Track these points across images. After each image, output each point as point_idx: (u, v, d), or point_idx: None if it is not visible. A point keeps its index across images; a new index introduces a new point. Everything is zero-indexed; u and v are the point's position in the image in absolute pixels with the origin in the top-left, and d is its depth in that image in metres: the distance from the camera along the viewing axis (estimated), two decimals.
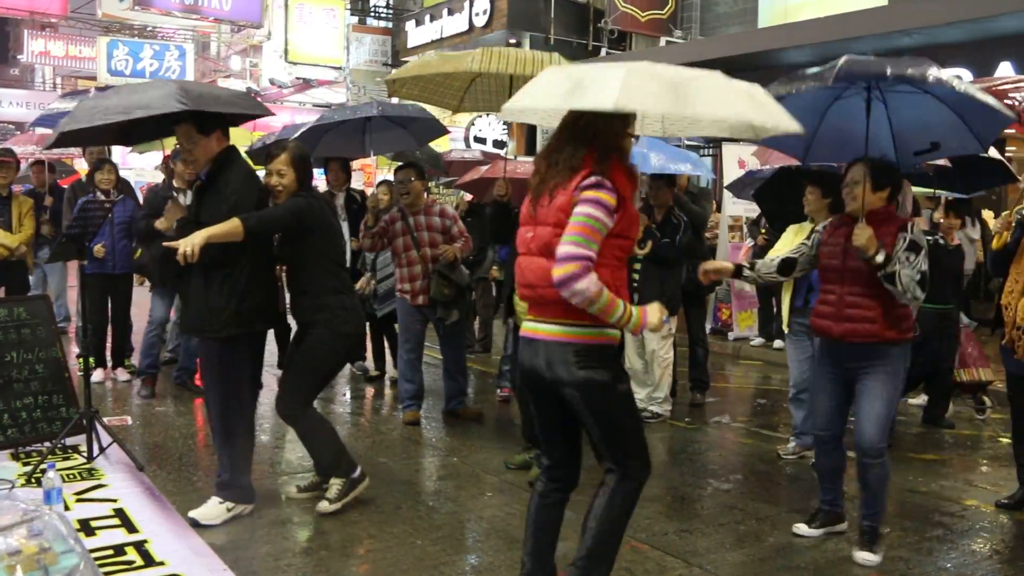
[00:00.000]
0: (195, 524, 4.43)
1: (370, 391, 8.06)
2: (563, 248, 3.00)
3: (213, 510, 4.54)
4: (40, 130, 10.30)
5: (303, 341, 4.74)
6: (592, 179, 3.07)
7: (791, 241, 5.71)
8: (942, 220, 7.16)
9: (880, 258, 4.05)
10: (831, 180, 5.18)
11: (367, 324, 8.36)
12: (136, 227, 7.07)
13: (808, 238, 4.56)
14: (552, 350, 3.19)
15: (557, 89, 3.16)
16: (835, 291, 4.32)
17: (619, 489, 3.24)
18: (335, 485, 4.76)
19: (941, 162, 6.29)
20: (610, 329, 3.18)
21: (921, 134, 4.78)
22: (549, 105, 3.30)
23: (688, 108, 2.99)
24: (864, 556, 4.28)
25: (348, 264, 8.15)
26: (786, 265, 4.53)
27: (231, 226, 4.23)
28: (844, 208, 4.38)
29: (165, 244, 4.26)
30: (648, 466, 3.32)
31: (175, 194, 7.07)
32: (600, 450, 3.27)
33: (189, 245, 4.08)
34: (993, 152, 6.64)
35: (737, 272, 4.56)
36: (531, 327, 3.30)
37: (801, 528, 4.61)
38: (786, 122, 3.25)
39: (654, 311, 3.20)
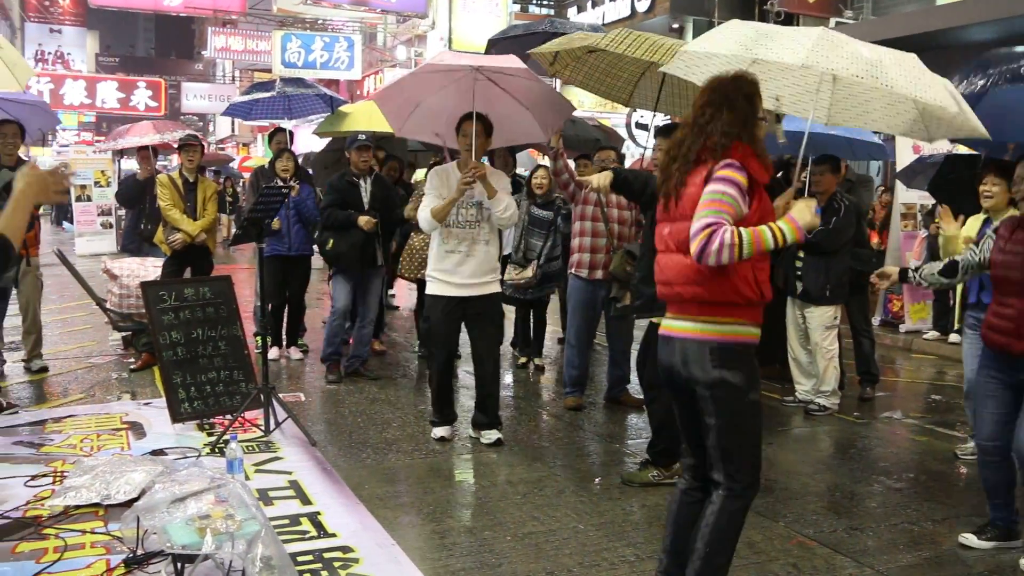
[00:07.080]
0: None
1: (531, 376, 8.14)
2: (694, 225, 2.97)
3: None
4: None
5: None
6: (723, 162, 3.03)
7: (973, 231, 5.41)
8: None
9: None
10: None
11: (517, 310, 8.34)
12: (331, 216, 7.14)
13: (977, 242, 4.27)
14: (688, 348, 3.15)
15: (741, 37, 3.15)
16: (1014, 305, 4.00)
17: (725, 508, 3.15)
18: None
19: None
20: (750, 327, 3.13)
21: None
22: (728, 51, 3.25)
23: (881, 80, 2.93)
24: None
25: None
26: (949, 270, 4.31)
27: None
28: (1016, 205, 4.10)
29: None
30: (757, 484, 3.22)
31: (359, 180, 7.32)
32: (713, 457, 3.18)
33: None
34: None
35: (903, 276, 4.40)
36: (668, 325, 3.27)
37: (970, 539, 4.33)
38: (973, 123, 3.15)
39: (801, 210, 3.08)
